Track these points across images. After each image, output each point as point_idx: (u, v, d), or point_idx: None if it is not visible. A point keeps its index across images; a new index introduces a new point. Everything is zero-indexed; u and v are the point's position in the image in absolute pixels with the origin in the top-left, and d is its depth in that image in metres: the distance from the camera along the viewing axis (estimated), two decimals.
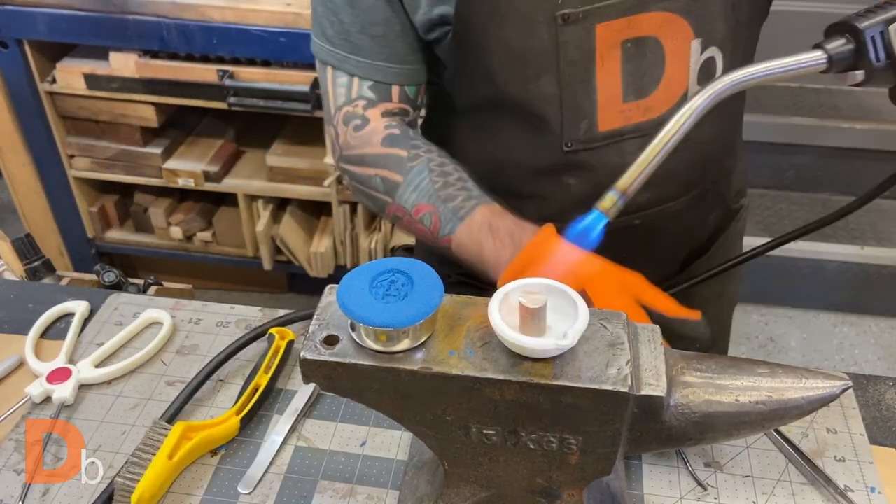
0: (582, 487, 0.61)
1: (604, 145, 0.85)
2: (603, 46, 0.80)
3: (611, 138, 0.85)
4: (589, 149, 0.85)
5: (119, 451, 0.77)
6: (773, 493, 0.73)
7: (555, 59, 0.80)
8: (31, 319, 0.90)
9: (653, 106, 0.84)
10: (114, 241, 2.41)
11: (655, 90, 0.83)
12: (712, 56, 0.84)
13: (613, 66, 0.81)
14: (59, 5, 1.92)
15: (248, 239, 2.30)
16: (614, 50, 0.80)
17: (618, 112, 0.84)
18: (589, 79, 0.81)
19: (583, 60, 0.80)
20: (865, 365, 2.30)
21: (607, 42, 0.80)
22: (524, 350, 0.54)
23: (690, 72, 0.83)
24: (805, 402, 0.58)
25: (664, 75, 0.83)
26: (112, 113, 2.11)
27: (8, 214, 2.69)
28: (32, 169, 2.23)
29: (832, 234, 2.42)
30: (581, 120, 0.84)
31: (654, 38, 0.80)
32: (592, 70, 0.81)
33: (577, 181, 0.88)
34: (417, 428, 0.60)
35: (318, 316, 0.59)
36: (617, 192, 0.61)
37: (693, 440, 0.58)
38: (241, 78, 1.98)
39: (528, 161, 0.90)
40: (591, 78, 0.81)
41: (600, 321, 0.58)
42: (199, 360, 0.87)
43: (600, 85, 0.82)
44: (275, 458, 0.76)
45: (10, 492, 0.73)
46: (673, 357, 0.59)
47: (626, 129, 0.85)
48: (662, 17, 0.79)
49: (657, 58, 0.81)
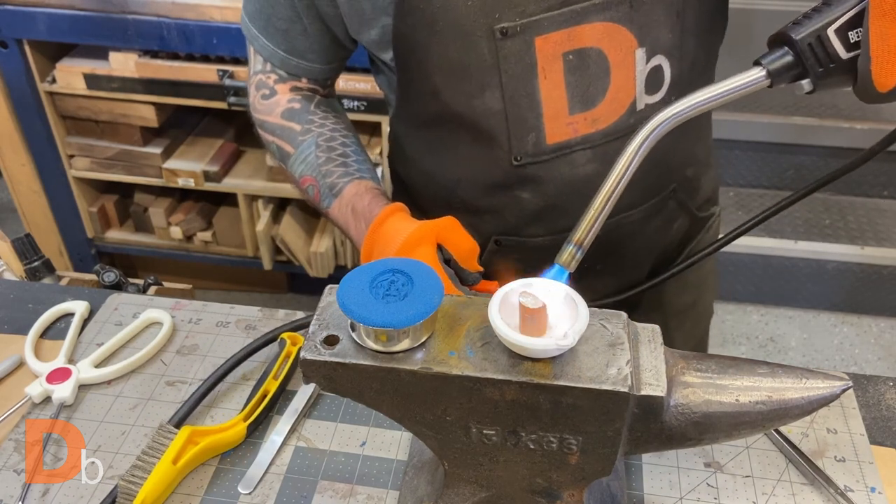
0: (582, 487, 0.61)
1: (553, 158, 0.85)
2: (544, 59, 0.79)
3: (560, 151, 0.84)
4: (538, 162, 0.85)
5: (119, 452, 0.77)
6: (773, 493, 0.73)
7: (496, 74, 0.79)
8: (30, 319, 0.90)
9: (600, 117, 0.83)
10: (114, 241, 2.41)
11: (602, 101, 0.82)
12: (659, 64, 0.82)
13: (557, 79, 0.80)
14: (59, 5, 1.92)
15: (248, 239, 2.30)
16: (556, 62, 0.79)
17: (565, 124, 0.83)
18: (532, 92, 0.80)
19: (524, 74, 0.79)
20: (865, 365, 2.30)
21: (548, 55, 0.78)
22: (524, 350, 0.54)
23: (637, 81, 0.82)
24: (805, 402, 0.58)
25: (610, 86, 0.81)
26: (112, 113, 2.11)
27: (8, 214, 2.70)
28: (32, 169, 2.23)
29: (832, 234, 2.42)
30: (528, 133, 0.83)
31: (597, 48, 0.79)
32: (535, 83, 0.80)
33: (530, 195, 0.88)
34: (417, 428, 0.60)
35: (318, 316, 0.59)
36: (573, 245, 0.59)
37: (693, 440, 0.58)
38: (242, 78, 1.98)
39: (481, 176, 0.90)
40: (535, 91, 0.80)
41: (600, 321, 0.58)
42: (198, 360, 0.87)
43: (545, 98, 0.81)
44: (275, 458, 0.76)
45: (9, 492, 0.73)
46: (673, 357, 0.59)
47: (574, 140, 0.84)
48: (603, 28, 0.78)
49: (601, 68, 0.80)
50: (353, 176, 0.89)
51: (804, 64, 0.60)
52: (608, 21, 0.78)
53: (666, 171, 0.93)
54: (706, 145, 1.02)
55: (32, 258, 1.13)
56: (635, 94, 0.83)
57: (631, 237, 0.94)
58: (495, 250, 0.94)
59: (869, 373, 0.84)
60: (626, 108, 0.83)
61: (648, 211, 0.93)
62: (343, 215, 0.88)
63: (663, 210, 0.95)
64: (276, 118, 0.95)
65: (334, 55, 0.95)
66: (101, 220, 2.37)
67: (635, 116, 0.84)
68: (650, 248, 0.99)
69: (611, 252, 0.94)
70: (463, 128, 0.85)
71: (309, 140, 0.92)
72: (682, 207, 0.98)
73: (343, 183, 0.89)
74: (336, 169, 0.90)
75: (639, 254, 0.99)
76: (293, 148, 0.93)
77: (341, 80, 1.94)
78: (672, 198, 0.95)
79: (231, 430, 0.76)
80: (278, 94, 0.96)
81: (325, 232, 2.30)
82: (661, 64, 0.82)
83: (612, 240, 0.92)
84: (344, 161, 0.91)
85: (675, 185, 0.95)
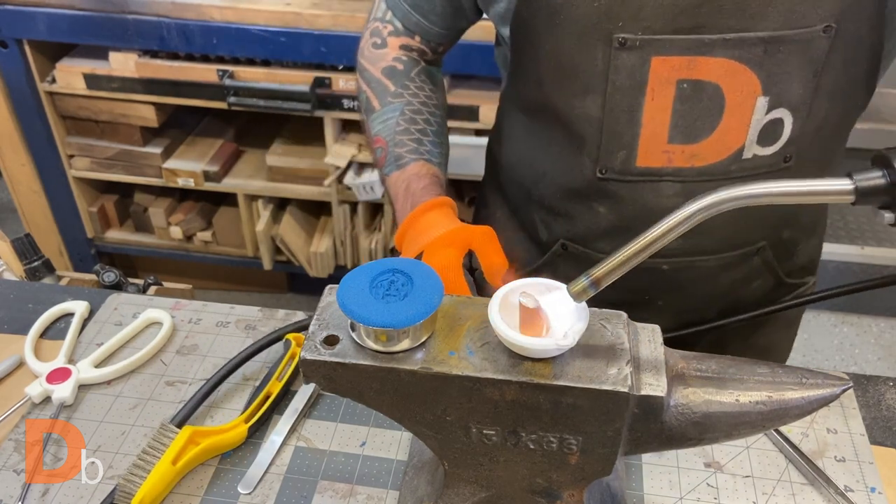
0: (582, 487, 0.61)
1: (639, 181, 0.81)
2: (656, 80, 0.75)
3: (648, 176, 0.81)
4: (623, 181, 0.82)
5: (119, 451, 0.77)
6: (773, 494, 0.73)
7: (604, 81, 0.77)
8: (30, 319, 0.90)
9: (700, 154, 0.79)
10: (114, 241, 2.41)
11: (707, 138, 0.78)
12: (780, 118, 0.78)
13: (664, 103, 0.76)
14: (59, 5, 1.92)
15: (248, 239, 2.30)
16: (668, 86, 0.76)
17: (660, 151, 0.79)
18: (635, 109, 0.77)
19: (632, 89, 0.76)
20: (865, 365, 2.30)
21: (661, 77, 0.75)
22: (524, 350, 0.53)
23: (750, 129, 0.77)
24: (805, 402, 0.58)
25: (720, 125, 0.77)
26: (112, 113, 2.11)
27: (8, 214, 2.70)
28: (32, 169, 2.23)
29: (832, 233, 2.42)
30: (619, 149, 0.80)
31: (715, 84, 0.75)
32: (640, 101, 0.77)
33: (606, 210, 0.85)
34: (417, 428, 0.60)
35: (318, 316, 0.59)
36: (589, 279, 0.54)
37: (693, 440, 0.58)
38: (241, 78, 1.98)
39: (563, 178, 0.87)
40: (638, 109, 0.77)
41: (600, 321, 0.58)
42: (198, 360, 0.87)
43: (646, 119, 0.78)
44: (275, 458, 0.76)
45: (9, 492, 0.73)
46: (673, 357, 0.59)
47: (665, 170, 0.80)
48: (728, 66, 0.74)
49: (715, 105, 0.76)
50: (423, 156, 0.90)
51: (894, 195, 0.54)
52: (735, 60, 0.74)
53: (758, 226, 0.88)
54: (814, 211, 0.96)
55: (32, 258, 1.13)
56: (745, 140, 0.78)
57: (701, 282, 0.90)
58: (560, 253, 0.92)
59: (869, 373, 0.84)
60: (732, 153, 0.79)
61: (727, 261, 0.88)
62: (396, 188, 0.88)
63: (745, 265, 0.90)
64: (377, 71, 0.96)
65: (454, 23, 0.94)
66: (101, 220, 2.37)
67: (739, 164, 0.80)
68: (721, 298, 0.93)
69: (676, 291, 0.90)
70: (558, 124, 0.83)
71: (397, 104, 0.93)
72: (767, 267, 0.92)
73: (410, 159, 0.89)
74: (410, 143, 0.90)
75: (706, 301, 0.93)
76: (380, 105, 0.94)
77: (342, 81, 1.94)
78: (758, 255, 0.90)
79: (232, 432, 0.76)
80: (388, 47, 0.96)
81: (325, 232, 2.30)
82: (784, 118, 0.78)
83: (680, 279, 0.88)
84: (420, 138, 0.91)
85: (764, 242, 0.89)
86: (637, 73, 0.75)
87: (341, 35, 1.86)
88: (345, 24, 1.86)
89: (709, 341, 0.96)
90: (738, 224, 0.84)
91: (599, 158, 0.82)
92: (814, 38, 0.73)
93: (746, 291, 0.93)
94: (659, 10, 0.72)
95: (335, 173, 2.07)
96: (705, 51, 0.73)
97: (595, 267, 0.54)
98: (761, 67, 0.74)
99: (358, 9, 1.88)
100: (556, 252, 0.93)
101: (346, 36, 1.86)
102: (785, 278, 0.95)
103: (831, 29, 0.73)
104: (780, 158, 0.80)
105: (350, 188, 2.08)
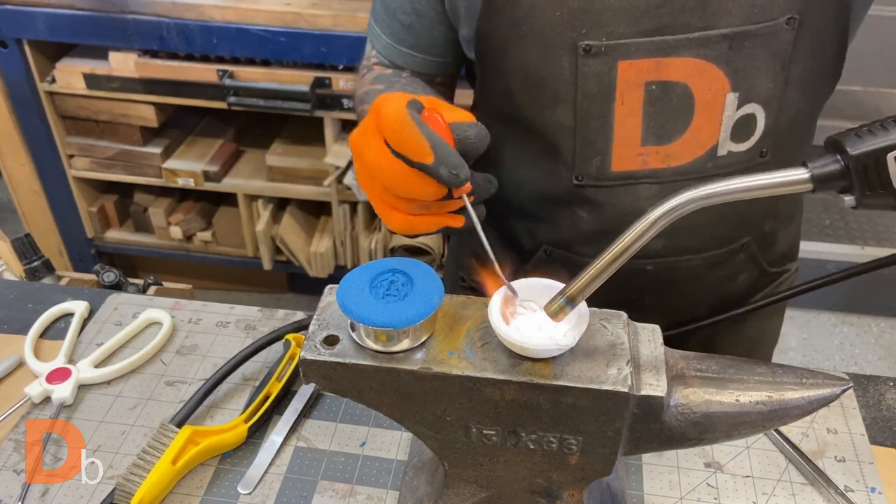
0: (582, 487, 0.61)
1: (616, 185, 0.81)
2: (624, 84, 0.75)
3: (624, 179, 0.81)
4: (600, 186, 0.82)
5: (119, 451, 0.77)
6: (773, 494, 0.73)
7: (573, 90, 0.77)
8: (30, 319, 0.90)
9: (674, 154, 0.79)
10: (113, 241, 2.41)
11: (679, 138, 0.78)
12: (752, 113, 0.77)
13: (634, 106, 0.76)
14: (59, 5, 1.92)
15: (248, 239, 2.30)
16: (636, 90, 0.76)
17: (634, 154, 0.79)
18: (606, 115, 0.77)
19: (601, 95, 0.76)
20: (865, 365, 2.30)
21: (629, 81, 0.75)
22: (524, 350, 0.53)
23: (722, 126, 0.77)
24: (805, 402, 0.58)
25: (691, 125, 0.77)
26: (112, 113, 2.11)
27: (8, 214, 2.70)
28: (32, 169, 2.23)
29: (832, 234, 2.42)
30: (594, 156, 0.80)
31: (684, 84, 0.75)
32: (611, 107, 0.77)
33: (587, 215, 0.85)
34: (417, 428, 0.60)
35: (317, 316, 0.59)
36: (564, 297, 0.55)
37: (693, 440, 0.58)
38: (241, 78, 1.98)
39: (540, 186, 0.87)
40: (609, 114, 0.77)
41: (600, 321, 0.58)
42: (198, 360, 0.87)
43: (618, 123, 0.78)
44: (275, 458, 0.76)
45: (9, 492, 0.73)
46: (673, 357, 0.59)
47: (641, 172, 0.80)
48: (694, 65, 0.74)
49: (684, 105, 0.76)
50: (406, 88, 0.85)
51: (852, 180, 0.55)
52: (701, 58, 0.74)
53: (741, 223, 0.88)
54: (793, 199, 0.96)
55: (32, 258, 1.13)
56: (718, 138, 0.78)
57: (687, 281, 0.90)
58: (544, 259, 0.92)
59: (869, 373, 0.84)
60: (706, 151, 0.79)
61: (713, 259, 0.88)
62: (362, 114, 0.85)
63: (730, 261, 0.90)
64: (367, 85, 0.93)
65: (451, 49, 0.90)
66: (101, 220, 2.37)
67: (714, 161, 0.79)
68: (708, 295, 0.94)
69: (662, 290, 0.90)
70: (531, 135, 0.83)
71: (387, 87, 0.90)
72: (751, 261, 0.92)
73: (381, 89, 0.85)
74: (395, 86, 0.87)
75: (694, 298, 0.93)
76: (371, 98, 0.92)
77: (342, 81, 1.94)
78: (743, 251, 0.90)
79: (232, 432, 0.76)
80: (375, 70, 0.94)
81: (325, 232, 2.30)
82: (755, 113, 0.78)
83: (666, 279, 0.88)
84: (406, 87, 0.86)
85: (748, 238, 0.89)
86: (605, 79, 0.75)
87: (341, 35, 1.86)
88: (345, 24, 1.86)
89: (699, 336, 0.97)
90: (721, 222, 0.84)
91: (575, 166, 0.82)
92: (778, 31, 0.73)
93: (733, 286, 0.94)
94: (621, 15, 0.72)
95: (335, 173, 2.07)
96: (671, 51, 0.73)
97: (569, 284, 0.55)
98: (728, 64, 0.74)
99: (358, 9, 1.88)
100: (539, 258, 0.92)
101: (346, 36, 1.86)
102: (768, 268, 0.95)
103: (794, 20, 0.73)
104: (756, 153, 0.80)
105: (350, 188, 2.08)
